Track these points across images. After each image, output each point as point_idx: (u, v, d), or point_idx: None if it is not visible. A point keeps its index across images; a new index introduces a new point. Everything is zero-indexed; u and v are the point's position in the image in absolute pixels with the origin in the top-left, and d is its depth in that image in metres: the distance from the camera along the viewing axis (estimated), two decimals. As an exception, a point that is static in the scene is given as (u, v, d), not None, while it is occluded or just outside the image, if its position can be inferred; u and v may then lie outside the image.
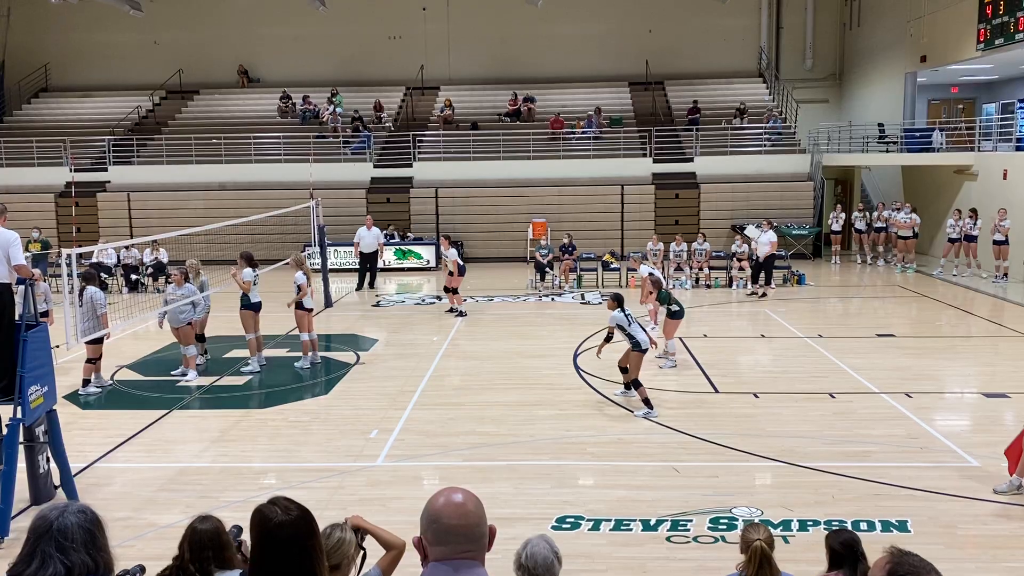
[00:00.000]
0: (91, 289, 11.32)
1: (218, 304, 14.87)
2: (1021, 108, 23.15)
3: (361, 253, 21.18)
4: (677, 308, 12.88)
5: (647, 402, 10.43)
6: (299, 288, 13.21)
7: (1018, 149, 21.87)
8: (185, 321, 12.57)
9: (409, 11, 31.74)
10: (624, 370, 11.04)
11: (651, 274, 13.86)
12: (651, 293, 13.43)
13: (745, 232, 21.43)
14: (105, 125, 29.73)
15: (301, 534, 2.66)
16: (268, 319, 16.68)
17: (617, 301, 10.83)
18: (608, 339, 10.89)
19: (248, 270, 13.01)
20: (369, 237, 21.26)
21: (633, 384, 10.70)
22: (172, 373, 12.84)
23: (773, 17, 31.97)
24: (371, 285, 21.35)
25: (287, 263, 14.28)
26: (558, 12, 30.77)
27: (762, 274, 19.44)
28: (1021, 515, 7.51)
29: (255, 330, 13.05)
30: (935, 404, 11.00)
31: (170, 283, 13.11)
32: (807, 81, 32.03)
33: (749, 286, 19.73)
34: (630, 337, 10.71)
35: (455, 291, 17.39)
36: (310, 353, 13.36)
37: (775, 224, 21.79)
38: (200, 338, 13.45)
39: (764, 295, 19.06)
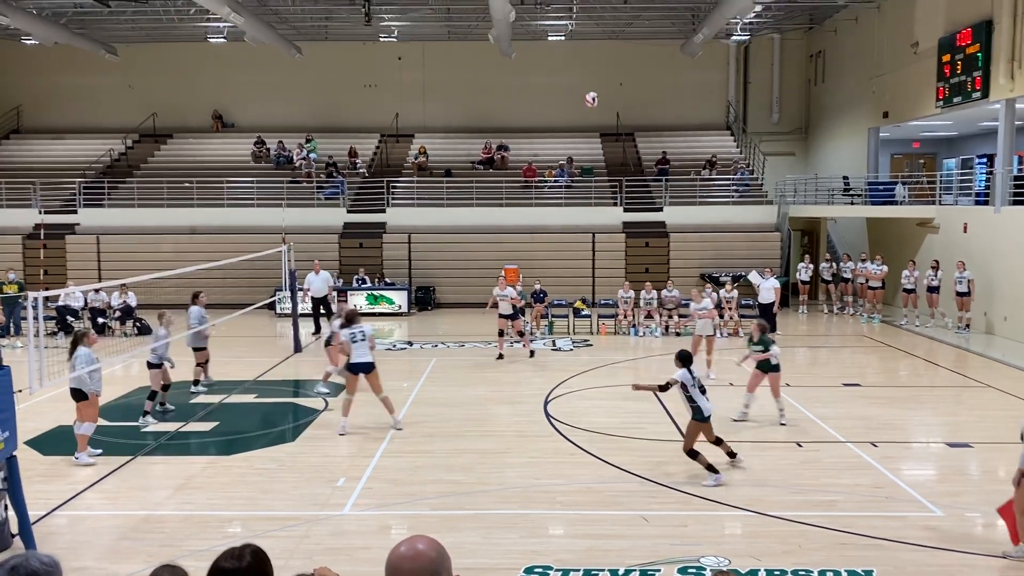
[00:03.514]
0: (81, 350, 10.43)
1: (183, 348, 14.70)
2: (980, 164, 23.88)
3: (311, 298, 21.07)
4: (776, 362, 12.09)
5: (711, 468, 9.57)
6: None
7: (977, 203, 22.48)
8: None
9: (385, 60, 32.16)
10: (693, 454, 9.69)
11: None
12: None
13: (748, 278, 21.57)
14: (76, 167, 29.61)
15: None
16: (239, 364, 16.60)
17: (683, 360, 9.87)
18: (664, 388, 9.90)
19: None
20: (318, 281, 21.11)
21: (690, 455, 9.67)
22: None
23: (741, 73, 32.80)
24: (320, 330, 21.07)
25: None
26: (531, 63, 31.35)
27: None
28: (986, 565, 7.59)
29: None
30: (900, 454, 11.12)
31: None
32: (774, 135, 32.79)
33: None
34: (691, 401, 9.68)
35: (521, 333, 17.97)
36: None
37: (777, 272, 22.10)
38: (166, 387, 13.24)
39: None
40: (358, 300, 24.49)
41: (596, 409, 13.26)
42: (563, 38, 30.51)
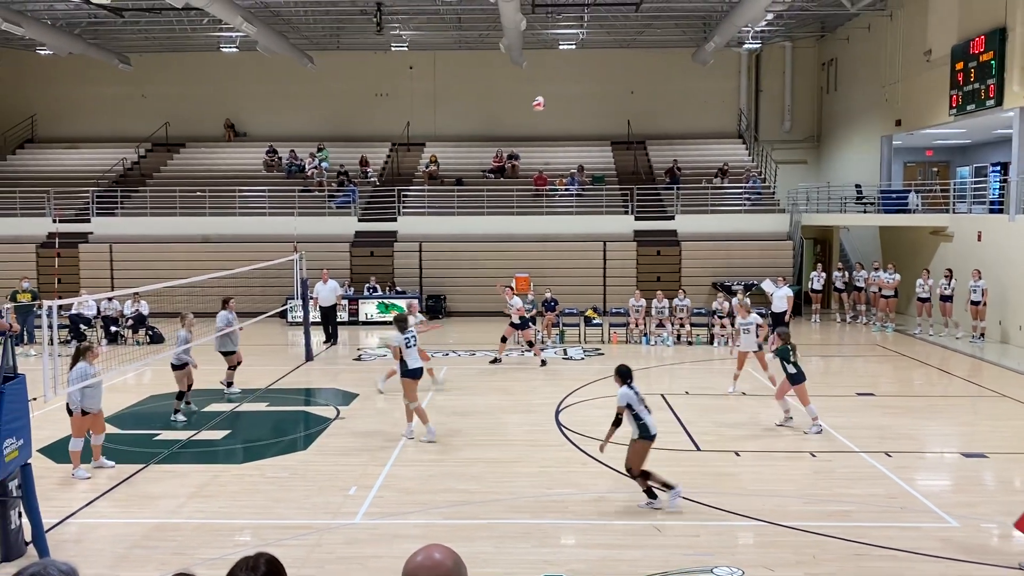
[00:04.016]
0: (79, 365, 10.32)
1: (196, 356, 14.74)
2: (994, 172, 23.73)
3: (320, 307, 21.11)
4: (795, 371, 12.14)
5: (650, 493, 9.17)
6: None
7: (992, 212, 22.34)
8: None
9: (396, 69, 32.29)
10: (645, 475, 9.17)
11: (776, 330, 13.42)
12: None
13: (761, 286, 21.52)
14: (90, 176, 29.81)
15: None
16: (251, 372, 16.62)
17: (623, 376, 9.30)
18: (617, 424, 9.28)
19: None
20: (326, 291, 21.16)
21: (641, 476, 9.15)
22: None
23: (752, 81, 32.77)
24: (330, 339, 21.15)
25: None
26: (542, 72, 31.40)
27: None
28: (1001, 577, 7.51)
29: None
30: (915, 464, 11.03)
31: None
32: (786, 143, 32.72)
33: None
34: (637, 419, 9.18)
35: (531, 342, 17.97)
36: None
37: (789, 280, 22.04)
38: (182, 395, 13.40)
39: None
40: (369, 309, 24.54)
41: (608, 418, 13.08)
42: (574, 47, 30.57)
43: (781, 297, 19.57)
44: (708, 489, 9.74)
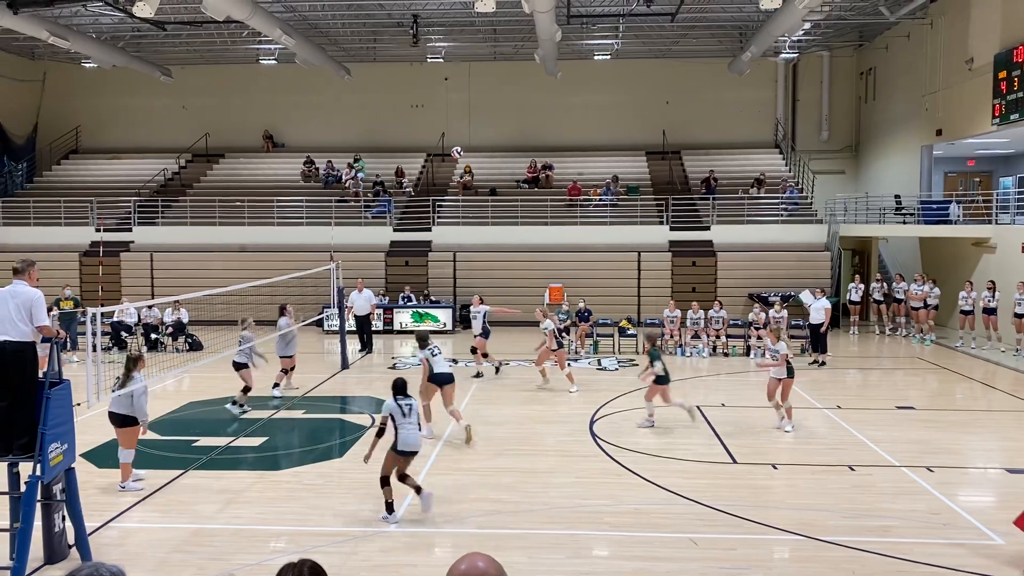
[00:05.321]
0: (136, 375, 10.30)
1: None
2: (1038, 182, 23.26)
3: (355, 316, 21.26)
4: (663, 373, 13.03)
5: (389, 507, 9.07)
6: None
7: (1036, 222, 21.90)
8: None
9: (431, 81, 32.52)
10: (388, 480, 9.11)
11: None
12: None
13: (800, 298, 21.32)
14: (132, 186, 30.37)
15: None
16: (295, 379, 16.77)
17: (392, 389, 9.32)
18: (380, 434, 9.11)
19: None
20: (361, 300, 21.30)
21: (381, 482, 9.07)
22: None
23: (789, 90, 32.50)
24: (365, 347, 21.30)
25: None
26: (577, 83, 31.46)
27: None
28: (1048, 596, 7.33)
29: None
30: (957, 479, 10.82)
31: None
32: (823, 152, 32.37)
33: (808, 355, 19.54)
34: (396, 432, 9.08)
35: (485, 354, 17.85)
36: None
37: (827, 292, 21.83)
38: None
39: (823, 363, 18.94)
40: (403, 318, 24.68)
41: (643, 429, 13.14)
42: (609, 57, 30.57)
43: (819, 309, 19.34)
44: (744, 502, 9.63)
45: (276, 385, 15.57)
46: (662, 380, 13.11)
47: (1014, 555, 8.14)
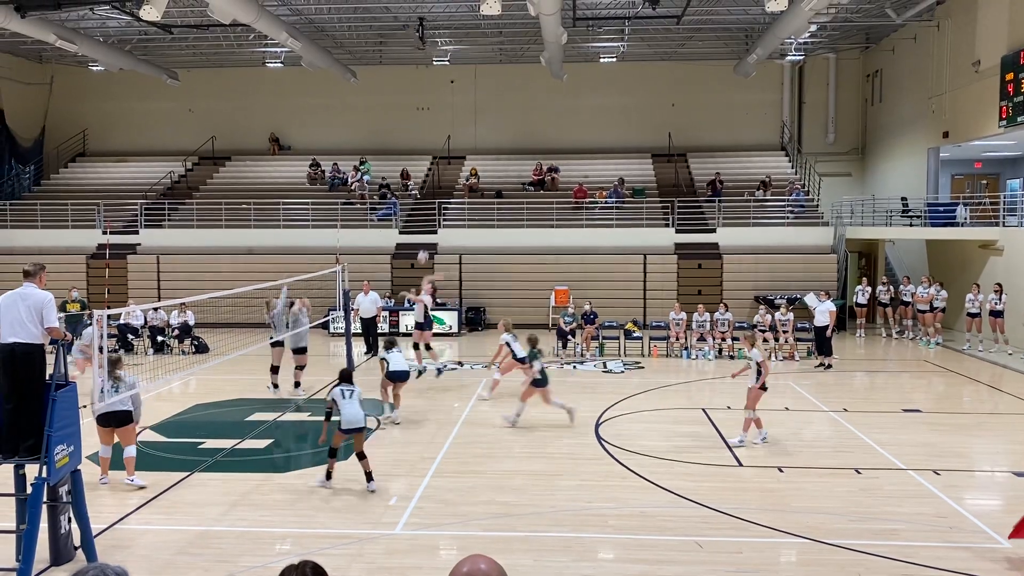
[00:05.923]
0: (124, 372, 10.61)
1: (240, 366, 14.98)
2: (1046, 184, 23.17)
3: (361, 319, 21.26)
4: (540, 376, 13.35)
5: (328, 474, 10.39)
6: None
7: (1043, 225, 21.81)
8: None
9: (437, 83, 32.57)
10: (332, 453, 10.47)
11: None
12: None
13: (805, 300, 21.28)
14: (138, 189, 30.47)
15: None
16: (293, 382, 16.80)
17: (340, 377, 10.60)
18: (327, 417, 10.54)
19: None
20: (367, 302, 21.27)
21: (328, 452, 10.43)
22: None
23: (795, 93, 32.46)
24: (371, 350, 21.29)
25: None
26: (582, 85, 31.47)
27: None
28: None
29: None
30: (964, 482, 10.78)
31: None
32: (829, 155, 32.32)
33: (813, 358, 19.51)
34: (338, 413, 10.33)
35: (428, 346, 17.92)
36: None
37: (833, 294, 21.79)
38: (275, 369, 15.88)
39: (829, 366, 18.89)
40: (409, 320, 24.63)
41: (648, 432, 13.12)
42: (615, 60, 30.57)
43: (823, 312, 19.28)
44: (750, 505, 9.61)
45: (297, 384, 16.02)
46: (540, 383, 13.38)
47: (1021, 559, 8.10)
